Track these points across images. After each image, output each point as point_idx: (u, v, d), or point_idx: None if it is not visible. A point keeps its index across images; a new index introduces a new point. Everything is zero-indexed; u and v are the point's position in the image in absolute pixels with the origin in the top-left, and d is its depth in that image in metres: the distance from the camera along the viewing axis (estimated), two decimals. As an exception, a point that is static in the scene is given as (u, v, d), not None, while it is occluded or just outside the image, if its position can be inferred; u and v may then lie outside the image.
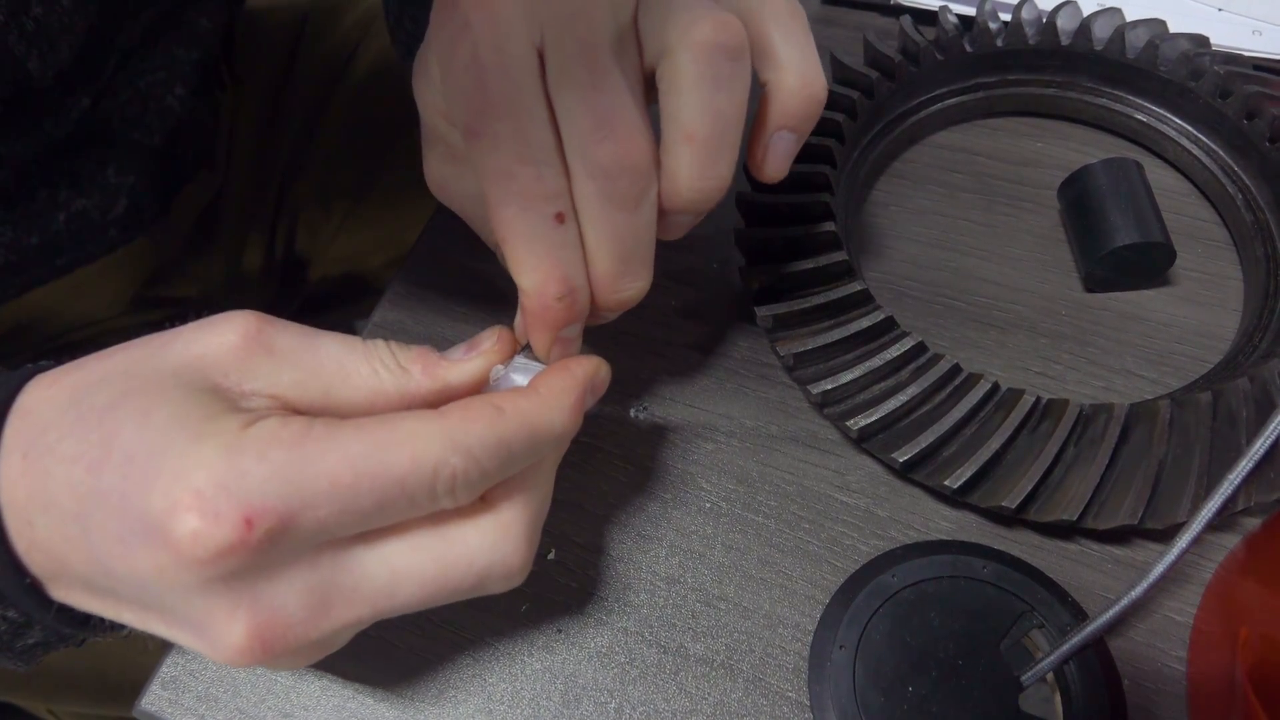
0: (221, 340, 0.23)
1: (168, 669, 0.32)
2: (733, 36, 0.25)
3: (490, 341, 0.27)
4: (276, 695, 0.31)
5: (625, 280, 0.27)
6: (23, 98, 0.41)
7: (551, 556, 0.33)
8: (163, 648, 0.32)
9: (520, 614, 0.32)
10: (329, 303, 0.71)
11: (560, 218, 0.25)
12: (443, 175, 0.30)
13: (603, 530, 0.33)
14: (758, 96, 0.27)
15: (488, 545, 0.24)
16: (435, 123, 0.29)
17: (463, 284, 0.40)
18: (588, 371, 0.27)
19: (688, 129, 0.25)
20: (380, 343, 0.25)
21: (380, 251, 0.66)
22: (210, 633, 0.22)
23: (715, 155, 0.26)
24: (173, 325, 0.24)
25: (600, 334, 0.38)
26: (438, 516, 0.24)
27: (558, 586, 0.32)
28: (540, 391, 0.25)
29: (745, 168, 0.38)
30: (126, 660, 0.58)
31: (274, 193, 0.64)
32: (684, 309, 0.38)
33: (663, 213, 0.27)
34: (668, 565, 0.33)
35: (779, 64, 0.27)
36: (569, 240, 0.26)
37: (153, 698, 0.31)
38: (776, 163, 0.29)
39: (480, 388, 0.27)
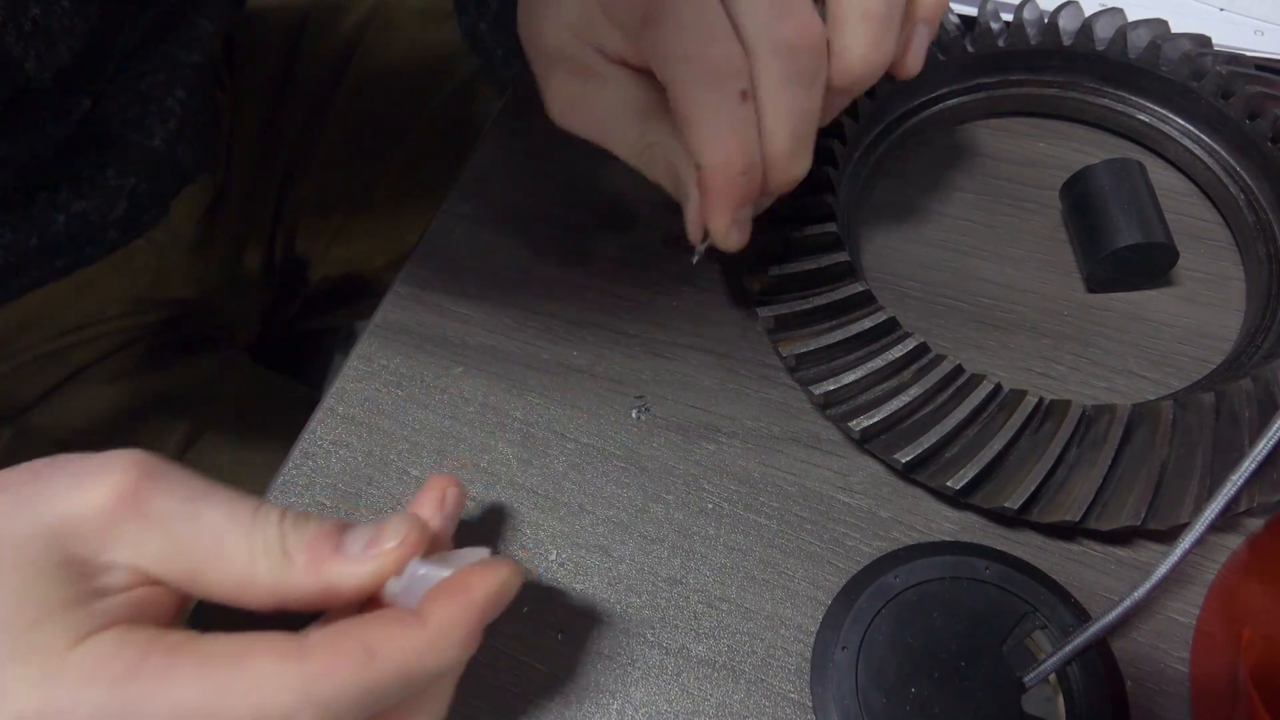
0: (93, 500, 0.21)
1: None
2: None
3: (394, 541, 0.23)
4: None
5: (797, 158, 0.28)
6: (21, 99, 0.41)
7: (554, 557, 0.33)
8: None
9: (522, 616, 0.32)
10: (329, 303, 0.71)
11: (744, 95, 0.26)
12: (570, 98, 0.30)
13: (605, 531, 0.33)
14: None
15: None
16: (562, 42, 0.29)
17: (464, 285, 0.40)
18: (489, 590, 0.23)
19: (865, 6, 0.27)
20: (274, 516, 0.23)
21: (381, 253, 0.66)
22: None
23: (887, 30, 0.28)
24: (172, 329, 0.24)
25: (600, 333, 0.38)
26: None
27: (560, 588, 0.32)
28: (428, 624, 0.22)
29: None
30: None
31: (274, 194, 0.64)
32: (685, 310, 0.38)
33: (827, 91, 0.28)
34: (670, 566, 0.33)
35: None
36: (750, 117, 0.27)
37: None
38: (919, 56, 0.30)
39: (369, 593, 0.23)
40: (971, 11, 0.45)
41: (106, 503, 0.21)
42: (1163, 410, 0.30)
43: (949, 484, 0.31)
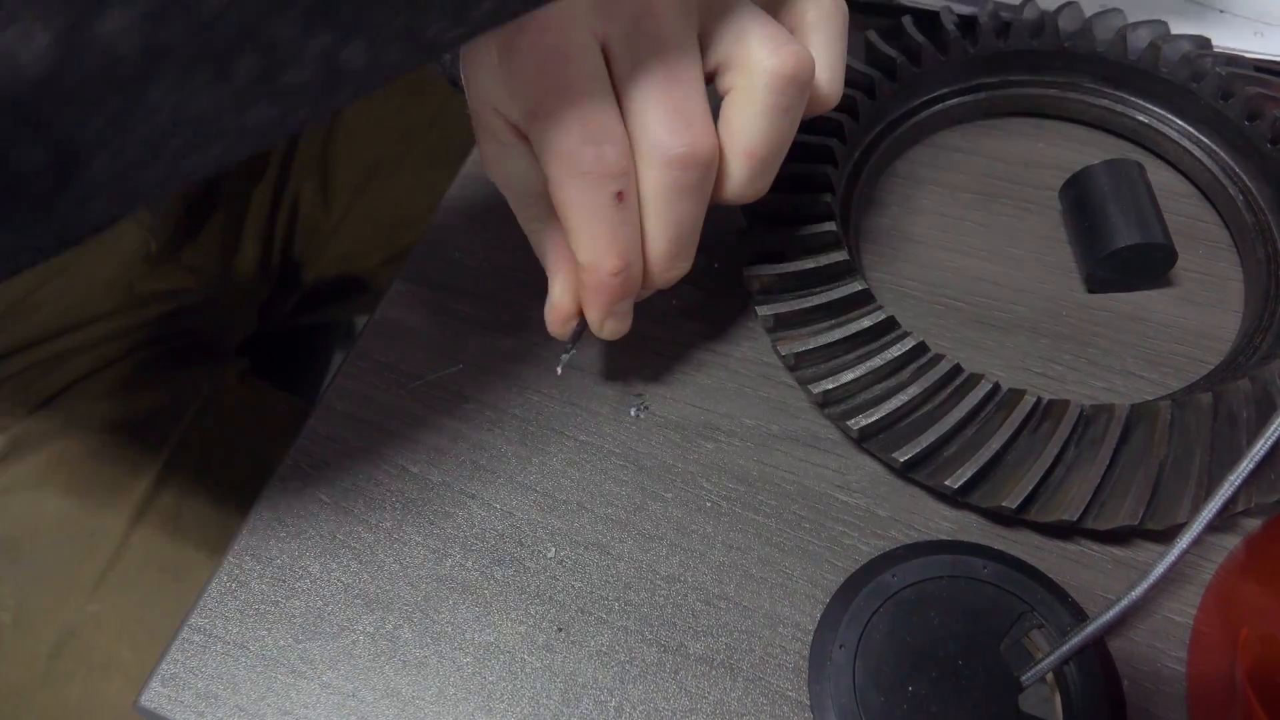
0: None
1: (167, 666, 0.32)
2: (806, 70, 0.27)
3: None
4: (276, 693, 0.31)
5: (678, 261, 0.29)
6: None
7: (552, 555, 0.33)
8: (164, 642, 0.32)
9: (519, 611, 0.32)
10: (326, 300, 0.71)
11: (621, 196, 0.26)
12: (487, 156, 0.31)
13: (604, 529, 0.33)
14: None
15: None
16: (479, 107, 0.29)
17: (463, 283, 0.40)
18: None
19: (749, 146, 0.28)
20: None
21: (379, 249, 0.66)
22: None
23: (767, 171, 0.29)
24: (167, 328, 0.24)
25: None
26: None
27: (559, 585, 0.32)
28: None
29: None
30: None
31: (270, 189, 0.63)
32: (685, 308, 0.38)
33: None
34: (668, 564, 0.33)
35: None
36: (628, 219, 0.27)
37: (152, 695, 0.31)
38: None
39: None
40: (971, 11, 0.45)
41: None
42: (1161, 410, 0.31)
43: (947, 483, 0.31)
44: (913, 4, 0.47)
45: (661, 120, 0.26)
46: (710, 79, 0.28)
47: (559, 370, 0.35)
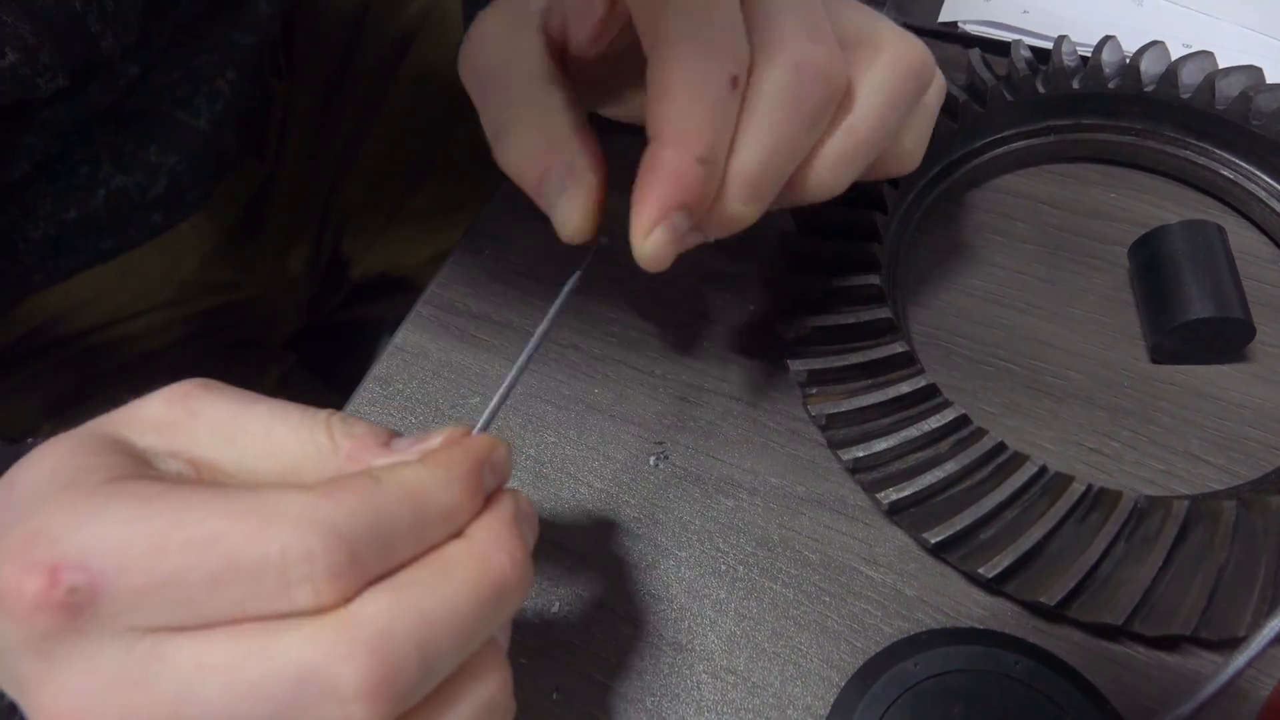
0: (147, 407, 0.22)
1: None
2: (836, 73, 0.25)
3: (439, 440, 0.23)
4: None
5: (758, 191, 0.25)
6: (86, 71, 0.41)
7: (556, 610, 0.31)
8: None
9: (517, 666, 0.30)
10: (372, 296, 0.71)
11: (735, 82, 0.23)
12: (495, 34, 0.28)
13: (610, 585, 0.32)
14: None
15: (315, 641, 0.18)
16: None
17: (489, 310, 0.39)
18: (481, 447, 0.23)
19: (747, 171, 0.24)
20: (322, 415, 0.23)
21: (427, 246, 0.65)
22: (29, 699, 0.19)
23: (759, 182, 0.25)
24: (217, 320, 0.23)
25: (624, 371, 0.36)
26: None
27: (559, 642, 0.31)
28: (425, 461, 0.22)
29: (793, 212, 0.36)
30: None
31: (324, 190, 0.63)
32: (715, 352, 0.36)
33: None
34: (675, 630, 0.31)
35: None
36: (730, 111, 0.24)
37: None
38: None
39: None
40: (1045, 45, 0.42)
41: (162, 403, 0.22)
42: (1224, 510, 0.28)
43: (981, 570, 0.28)
44: (983, 34, 0.44)
45: (800, 27, 0.24)
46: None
47: (561, 296, 0.28)
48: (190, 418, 0.22)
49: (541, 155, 0.26)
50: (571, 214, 0.26)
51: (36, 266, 0.47)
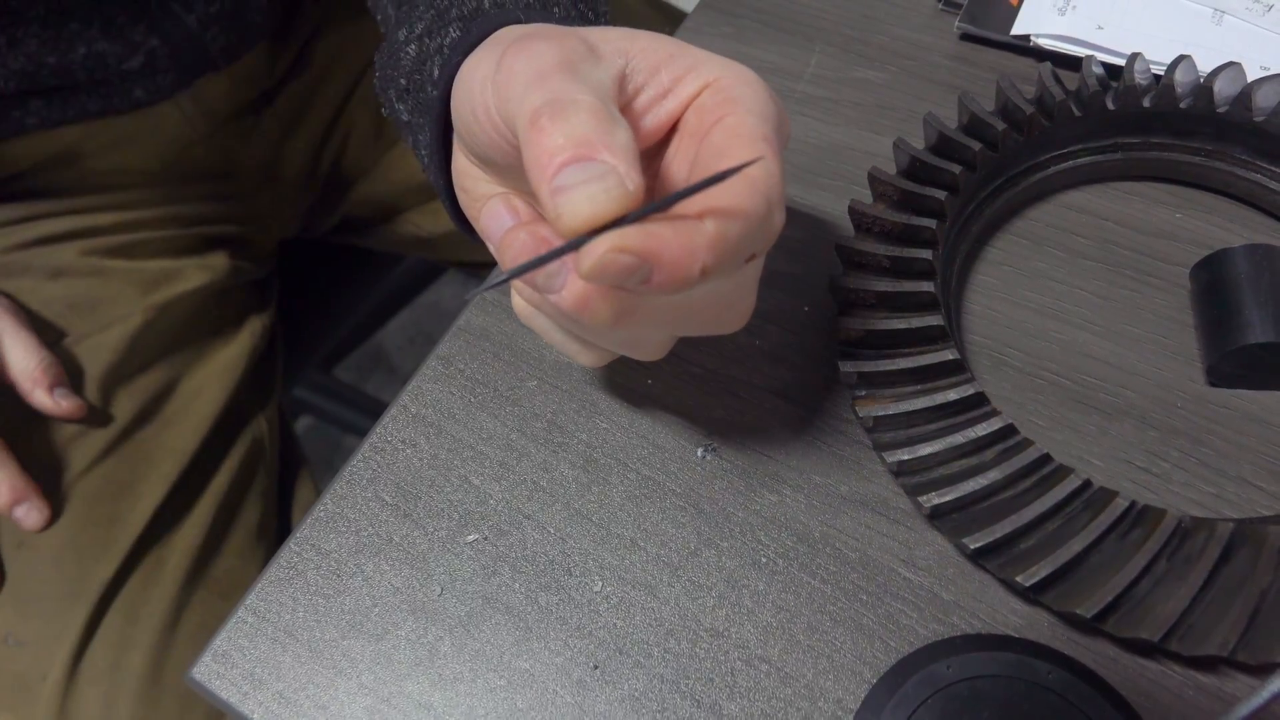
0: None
1: (221, 642, 0.33)
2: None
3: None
4: (316, 685, 0.32)
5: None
6: None
7: (599, 588, 0.33)
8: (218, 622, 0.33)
9: (560, 643, 0.32)
10: (367, 223, 0.71)
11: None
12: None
13: (653, 570, 0.33)
14: None
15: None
16: (483, 119, 0.26)
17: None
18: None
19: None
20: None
21: (424, 192, 0.66)
22: None
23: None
24: (208, 205, 0.23)
25: (677, 363, 0.37)
26: None
27: (600, 621, 0.32)
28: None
29: (851, 217, 0.36)
30: None
31: (333, 106, 0.64)
32: (768, 350, 0.37)
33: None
34: (714, 617, 0.32)
35: None
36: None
37: (204, 668, 0.32)
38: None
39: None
40: (1117, 62, 0.42)
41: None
42: (1269, 535, 0.28)
43: (1019, 579, 0.29)
44: (1054, 48, 0.44)
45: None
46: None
47: (470, 297, 0.29)
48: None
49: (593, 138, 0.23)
50: (587, 203, 0.22)
51: (15, 102, 0.49)
